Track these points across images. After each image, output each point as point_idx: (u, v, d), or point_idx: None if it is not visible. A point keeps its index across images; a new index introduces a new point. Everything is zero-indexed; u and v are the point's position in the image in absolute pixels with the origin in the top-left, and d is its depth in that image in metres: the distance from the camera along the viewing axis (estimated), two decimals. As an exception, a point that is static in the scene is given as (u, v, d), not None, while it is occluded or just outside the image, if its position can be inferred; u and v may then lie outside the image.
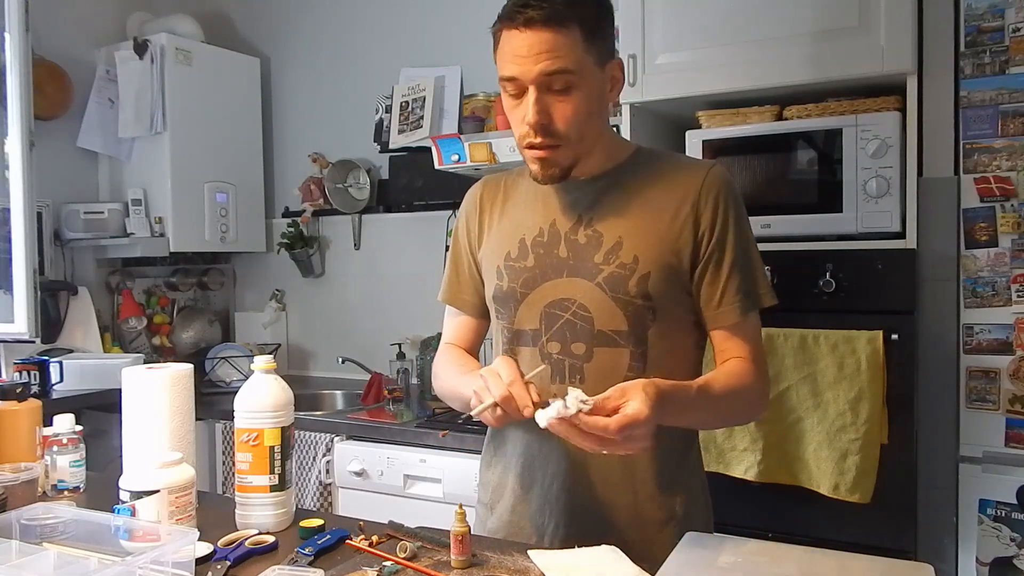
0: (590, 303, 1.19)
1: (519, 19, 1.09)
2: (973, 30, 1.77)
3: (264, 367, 1.26)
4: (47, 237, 2.94)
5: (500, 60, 1.14)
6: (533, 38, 1.09)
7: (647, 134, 2.08)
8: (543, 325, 1.22)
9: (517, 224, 1.27)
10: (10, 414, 1.46)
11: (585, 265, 1.20)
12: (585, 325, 1.19)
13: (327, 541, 1.15)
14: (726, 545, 0.99)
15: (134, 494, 1.15)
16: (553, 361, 1.21)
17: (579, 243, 1.21)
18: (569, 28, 1.10)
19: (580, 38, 1.11)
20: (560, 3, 1.09)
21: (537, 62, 1.10)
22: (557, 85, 1.12)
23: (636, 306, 1.17)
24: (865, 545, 1.53)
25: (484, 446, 1.37)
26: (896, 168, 1.73)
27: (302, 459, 2.45)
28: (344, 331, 3.27)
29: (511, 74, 1.12)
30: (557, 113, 1.13)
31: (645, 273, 1.17)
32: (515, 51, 1.11)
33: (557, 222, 1.23)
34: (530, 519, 1.25)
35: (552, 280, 1.21)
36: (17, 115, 2.42)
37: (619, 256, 1.18)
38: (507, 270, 1.25)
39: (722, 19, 1.92)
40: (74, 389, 2.59)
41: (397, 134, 2.83)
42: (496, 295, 1.27)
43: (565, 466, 1.22)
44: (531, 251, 1.24)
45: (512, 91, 1.14)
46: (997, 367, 1.75)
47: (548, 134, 1.14)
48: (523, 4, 1.09)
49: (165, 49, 3.00)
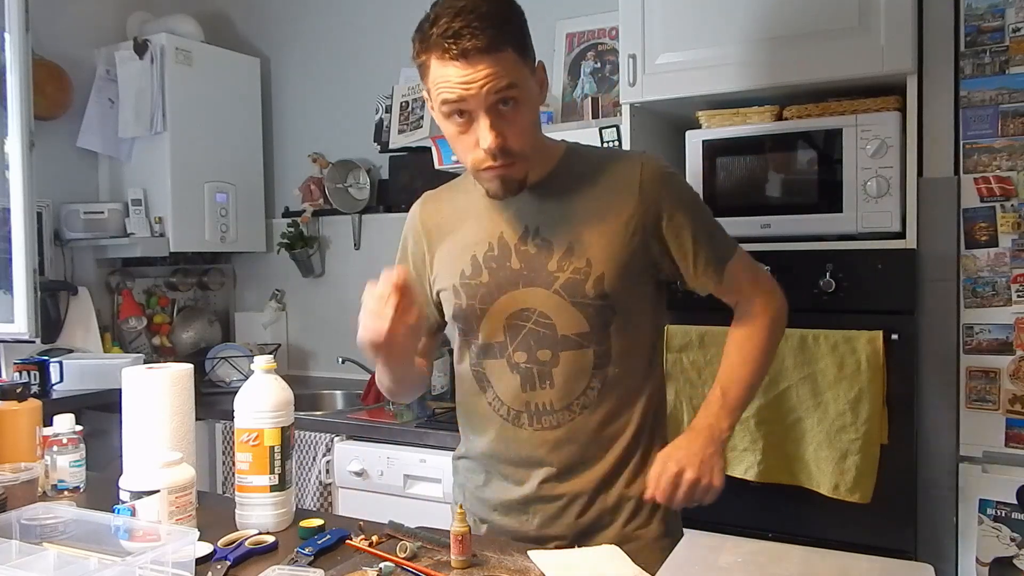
0: (550, 310, 1.21)
1: (454, 51, 1.08)
2: (973, 30, 1.77)
3: (264, 367, 1.26)
4: (47, 237, 2.93)
5: (437, 88, 1.12)
6: (474, 67, 1.08)
7: (647, 134, 2.08)
8: (507, 337, 1.24)
9: (465, 241, 1.28)
10: (10, 414, 1.46)
11: (540, 274, 1.21)
12: (548, 332, 1.21)
13: (327, 541, 1.15)
14: (726, 545, 0.99)
15: (134, 494, 1.15)
16: (521, 370, 1.23)
17: (530, 253, 1.22)
18: (504, 49, 1.10)
19: (514, 54, 1.12)
20: (492, 29, 1.08)
21: (484, 86, 1.09)
22: (504, 103, 1.12)
23: (596, 307, 1.20)
24: (865, 545, 1.53)
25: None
26: (896, 168, 1.73)
27: (302, 459, 2.45)
28: (344, 331, 3.25)
29: (455, 97, 1.10)
30: (509, 131, 1.13)
31: (600, 274, 1.19)
32: (458, 81, 1.09)
33: (504, 235, 1.24)
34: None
35: (509, 292, 1.23)
36: (17, 115, 2.42)
37: (572, 261, 1.20)
38: (463, 288, 1.27)
39: (722, 19, 1.92)
40: (74, 389, 2.59)
41: (397, 134, 2.83)
42: (456, 314, 1.28)
43: None
44: (484, 267, 1.25)
45: (457, 118, 1.13)
46: (997, 367, 1.75)
47: (506, 154, 1.14)
48: (455, 35, 1.07)
49: (165, 49, 3.00)
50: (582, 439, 1.23)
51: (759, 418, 1.78)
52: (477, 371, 1.29)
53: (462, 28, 1.07)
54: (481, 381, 1.29)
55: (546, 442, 1.23)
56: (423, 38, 1.13)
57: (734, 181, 1.91)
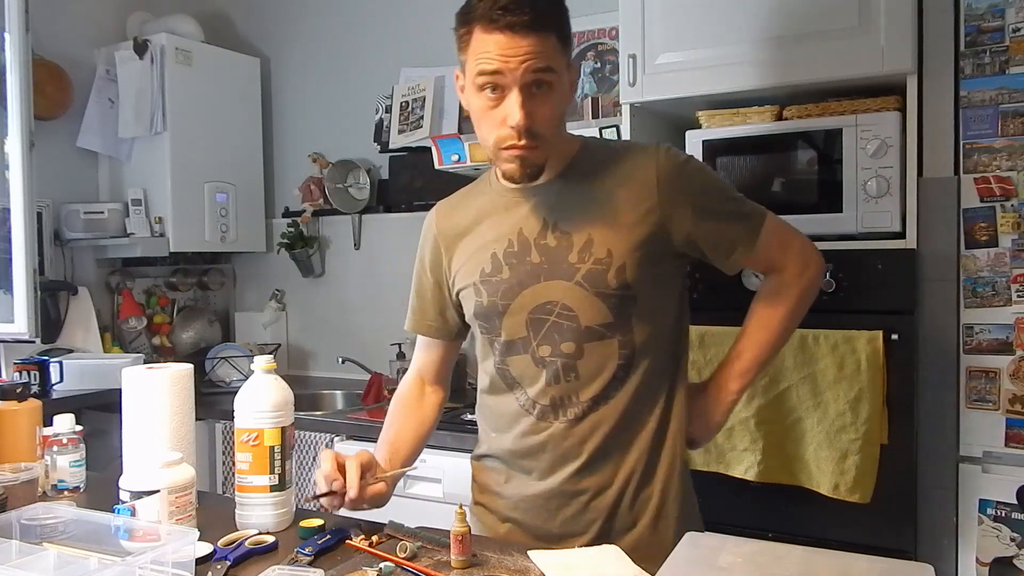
0: (572, 302, 1.21)
1: (502, 21, 1.10)
2: (973, 30, 1.77)
3: (264, 367, 1.26)
4: (47, 237, 2.93)
5: (477, 58, 1.14)
6: (518, 41, 1.10)
7: (647, 134, 2.08)
8: (531, 331, 1.24)
9: (484, 240, 1.28)
10: (10, 414, 1.47)
11: (560, 267, 1.21)
12: (571, 324, 1.21)
13: (327, 541, 1.15)
14: (726, 545, 0.99)
15: (134, 494, 1.15)
16: (546, 364, 1.23)
17: (550, 247, 1.23)
18: (548, 32, 1.13)
19: (556, 41, 1.14)
20: (540, 10, 1.11)
21: (523, 61, 1.11)
22: (539, 85, 1.14)
23: (618, 297, 1.20)
24: (865, 545, 1.53)
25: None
26: (896, 168, 1.73)
27: (302, 459, 2.45)
28: (344, 331, 3.27)
29: (495, 68, 1.12)
30: (538, 113, 1.15)
31: (621, 264, 1.19)
32: (500, 52, 1.11)
33: (524, 230, 1.25)
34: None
35: (531, 287, 1.23)
36: (17, 115, 2.42)
37: (593, 253, 1.20)
38: (484, 286, 1.27)
39: (722, 19, 1.92)
40: (74, 389, 2.59)
41: (397, 134, 2.83)
42: (477, 311, 1.28)
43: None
44: (504, 263, 1.25)
45: (491, 90, 1.15)
46: (997, 367, 1.75)
47: (531, 135, 1.15)
48: (503, 8, 1.10)
49: (165, 49, 3.00)
50: (607, 430, 1.23)
51: (759, 418, 1.78)
52: (502, 369, 1.28)
53: (512, 3, 1.10)
54: (507, 379, 1.28)
55: (572, 435, 1.23)
56: (469, 10, 1.14)
57: (734, 181, 1.91)
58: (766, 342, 1.29)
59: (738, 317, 1.34)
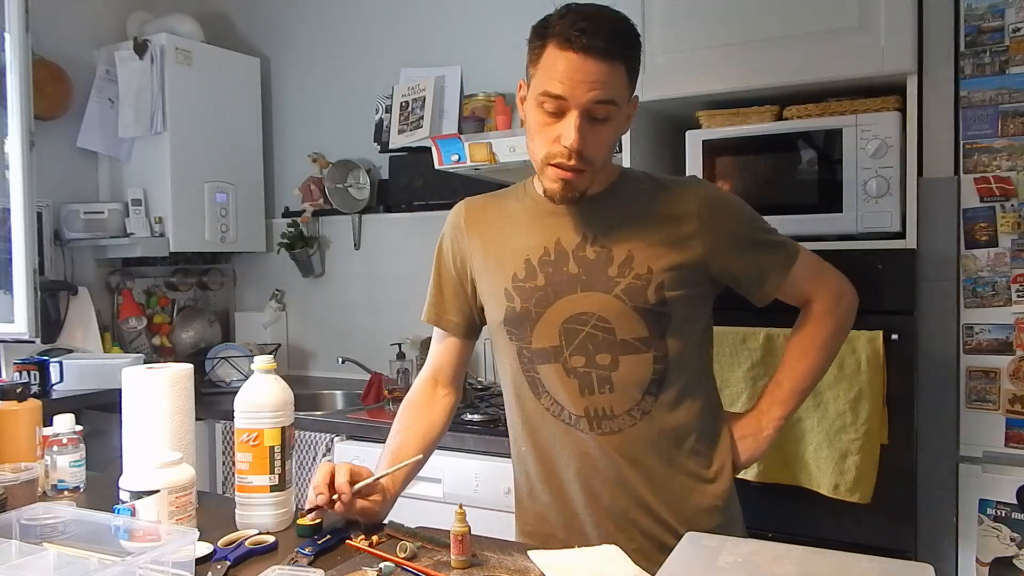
0: (609, 314, 1.21)
1: (577, 43, 1.10)
2: (973, 30, 1.77)
3: (264, 367, 1.26)
4: (47, 237, 2.94)
5: (545, 76, 1.14)
6: (589, 66, 1.11)
7: (647, 134, 2.08)
8: (563, 341, 1.23)
9: (517, 245, 1.28)
10: (10, 414, 1.46)
11: (599, 279, 1.21)
12: (607, 336, 1.21)
13: (327, 541, 1.15)
14: (726, 545, 0.99)
15: (134, 494, 1.15)
16: (579, 375, 1.23)
17: (589, 258, 1.23)
18: (619, 63, 1.13)
19: (625, 74, 1.15)
20: (617, 39, 1.12)
21: (590, 89, 1.12)
22: (599, 114, 1.14)
23: (655, 312, 1.21)
24: (865, 545, 1.53)
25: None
26: (896, 168, 1.73)
27: (302, 459, 2.45)
28: (344, 331, 3.27)
29: (560, 93, 1.12)
30: (591, 140, 1.15)
31: (660, 282, 1.21)
32: (569, 73, 1.11)
33: (562, 240, 1.25)
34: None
35: (566, 296, 1.23)
36: (17, 115, 2.42)
37: (633, 268, 1.21)
38: (517, 291, 1.26)
39: (722, 19, 1.92)
40: (74, 389, 2.59)
41: (397, 134, 2.83)
42: (508, 317, 1.27)
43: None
44: (539, 270, 1.25)
45: (551, 108, 1.15)
46: (997, 367, 1.75)
47: (581, 159, 1.16)
48: (581, 30, 1.10)
49: (165, 49, 3.00)
50: (642, 446, 1.23)
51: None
52: (531, 376, 1.27)
53: (590, 27, 1.10)
54: (535, 386, 1.27)
55: (606, 448, 1.23)
56: (547, 25, 1.15)
57: (734, 181, 1.91)
58: (804, 370, 1.32)
59: (738, 317, 1.34)
